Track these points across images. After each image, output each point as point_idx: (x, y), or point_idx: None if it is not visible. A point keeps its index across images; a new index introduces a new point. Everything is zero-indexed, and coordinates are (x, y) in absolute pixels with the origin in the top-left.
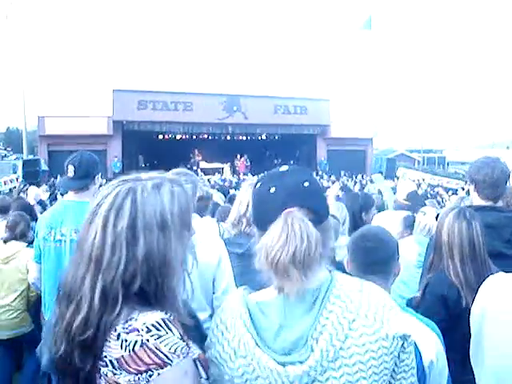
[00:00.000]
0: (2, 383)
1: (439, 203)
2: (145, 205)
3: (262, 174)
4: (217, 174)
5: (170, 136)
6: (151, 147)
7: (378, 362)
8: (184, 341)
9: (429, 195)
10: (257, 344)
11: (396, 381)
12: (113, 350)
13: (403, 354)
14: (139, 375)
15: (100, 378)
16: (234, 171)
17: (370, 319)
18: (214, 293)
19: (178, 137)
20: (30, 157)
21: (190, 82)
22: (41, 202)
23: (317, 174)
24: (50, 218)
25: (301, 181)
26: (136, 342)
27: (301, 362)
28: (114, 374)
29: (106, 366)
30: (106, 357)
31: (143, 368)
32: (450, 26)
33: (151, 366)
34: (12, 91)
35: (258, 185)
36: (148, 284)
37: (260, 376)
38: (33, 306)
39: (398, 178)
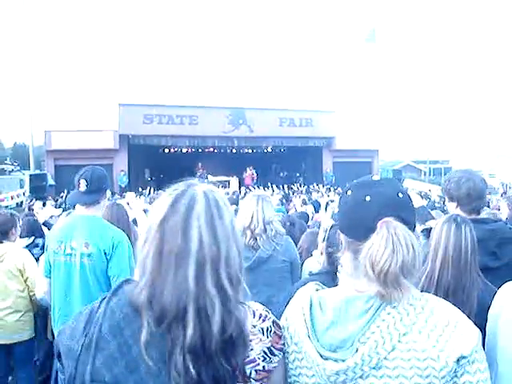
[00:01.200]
0: None
1: (445, 212)
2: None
3: (352, 182)
4: (221, 187)
5: (176, 150)
6: (157, 161)
7: (425, 382)
8: None
9: (436, 204)
10: (308, 335)
11: None
12: (261, 342)
13: (464, 375)
14: (282, 349)
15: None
16: (242, 184)
17: (423, 337)
18: None
19: (184, 150)
20: (37, 171)
21: (195, 96)
22: (46, 224)
23: (323, 186)
24: (60, 231)
25: (396, 191)
26: (270, 325)
27: (343, 361)
28: (271, 362)
29: (260, 361)
30: (253, 356)
31: (282, 341)
32: (455, 36)
33: (283, 337)
34: (19, 107)
35: (349, 192)
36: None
37: (306, 366)
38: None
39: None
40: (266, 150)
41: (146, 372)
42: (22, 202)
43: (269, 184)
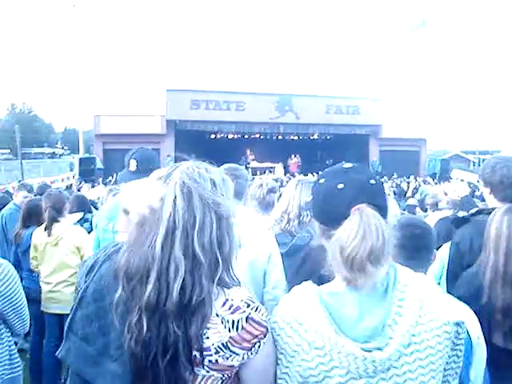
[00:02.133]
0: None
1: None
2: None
3: (325, 170)
4: (268, 173)
5: (222, 135)
6: (203, 146)
7: (442, 346)
8: None
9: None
10: (337, 333)
11: (447, 364)
12: (218, 334)
13: (457, 339)
14: (252, 349)
15: (198, 367)
16: (286, 171)
17: (433, 305)
18: (264, 287)
19: (230, 136)
20: (86, 155)
21: (242, 82)
22: (92, 204)
23: None
24: (109, 210)
25: (368, 178)
26: (241, 319)
27: (379, 349)
28: (227, 359)
29: (213, 352)
30: (207, 345)
31: (254, 341)
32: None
33: (259, 337)
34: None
35: (322, 180)
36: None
37: (337, 366)
38: None
39: (450, 180)
40: (311, 138)
41: (115, 337)
42: (71, 185)
43: (315, 171)
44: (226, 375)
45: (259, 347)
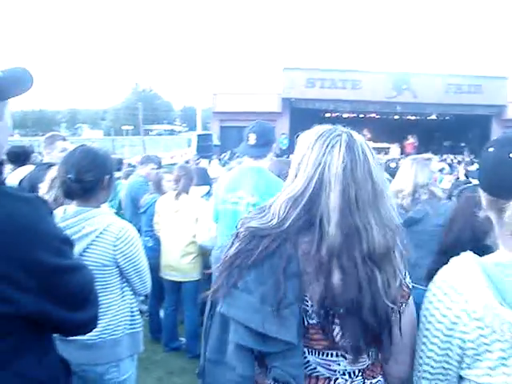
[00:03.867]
0: (169, 328)
1: None
2: None
3: (494, 139)
4: (383, 153)
5: (337, 114)
6: (318, 125)
7: None
8: None
9: None
10: (501, 304)
11: None
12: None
13: None
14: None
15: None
16: (402, 151)
17: None
18: None
19: (345, 115)
20: (204, 132)
21: (358, 59)
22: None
23: None
24: (229, 181)
25: None
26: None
27: None
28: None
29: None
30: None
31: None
32: None
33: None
34: (188, 71)
35: (491, 149)
36: None
37: (499, 339)
38: None
39: None
40: (429, 118)
41: (271, 285)
42: (188, 161)
43: (432, 153)
44: None
45: (407, 304)
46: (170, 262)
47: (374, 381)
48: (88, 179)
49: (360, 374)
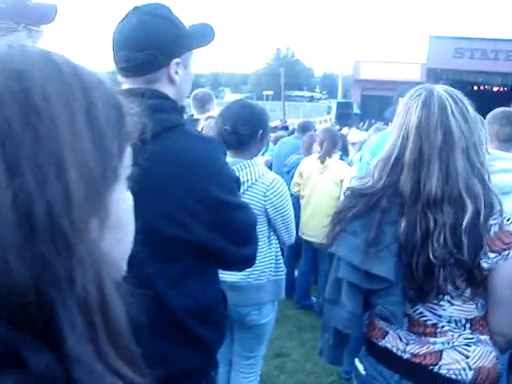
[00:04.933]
0: (302, 286)
1: None
2: None
3: None
4: None
5: (487, 87)
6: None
7: None
8: None
9: None
10: None
11: None
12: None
13: None
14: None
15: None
16: None
17: None
18: None
19: (495, 89)
20: (344, 100)
21: None
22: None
23: None
24: (375, 144)
25: None
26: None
27: None
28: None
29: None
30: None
31: (504, 247)
32: None
33: (510, 245)
34: (330, 38)
35: None
36: None
37: None
38: None
39: None
40: None
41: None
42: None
43: None
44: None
45: (508, 255)
46: (311, 223)
47: (482, 337)
48: (243, 132)
49: (468, 325)
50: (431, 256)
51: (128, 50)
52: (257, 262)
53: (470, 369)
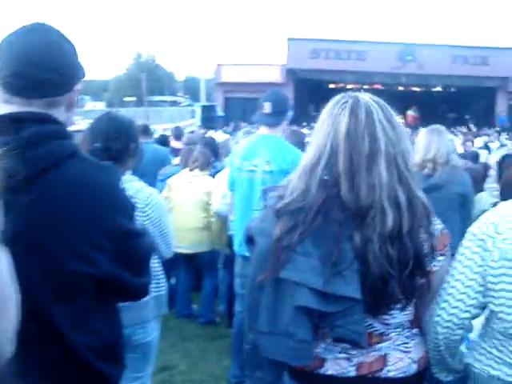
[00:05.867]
0: (183, 296)
1: None
2: None
3: None
4: None
5: (342, 85)
6: (322, 96)
7: None
8: None
9: None
10: None
11: None
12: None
13: None
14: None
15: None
16: (405, 123)
17: None
18: None
19: (350, 86)
20: (207, 103)
21: (363, 30)
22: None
23: (496, 131)
24: (244, 149)
25: None
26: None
27: None
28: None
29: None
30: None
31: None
32: None
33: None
34: (191, 41)
35: None
36: None
37: None
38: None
39: None
40: (434, 90)
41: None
42: (193, 132)
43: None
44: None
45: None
46: (182, 235)
47: (415, 330)
48: (116, 147)
49: (408, 324)
50: (381, 268)
51: (34, 68)
52: None
53: (414, 362)
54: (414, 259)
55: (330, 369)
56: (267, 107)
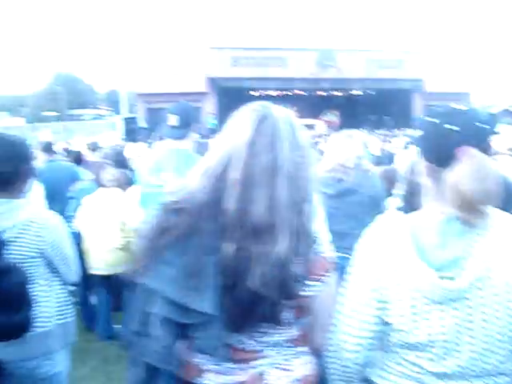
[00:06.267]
0: (104, 317)
1: None
2: None
3: (439, 109)
4: (309, 129)
5: (263, 92)
6: (245, 103)
7: None
8: None
9: None
10: (415, 256)
11: None
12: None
13: None
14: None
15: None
16: (327, 127)
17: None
18: None
19: (273, 93)
20: (130, 115)
21: (283, 37)
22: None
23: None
24: (152, 164)
25: (477, 121)
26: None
27: (451, 279)
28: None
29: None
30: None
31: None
32: None
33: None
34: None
35: (431, 119)
36: None
37: (410, 288)
38: None
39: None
40: (354, 93)
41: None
42: (117, 145)
43: (357, 127)
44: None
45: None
46: (96, 256)
47: (300, 349)
48: (5, 170)
49: (289, 344)
50: (251, 287)
51: None
52: (39, 307)
53: (298, 380)
54: (284, 281)
55: (209, 380)
56: (172, 120)
